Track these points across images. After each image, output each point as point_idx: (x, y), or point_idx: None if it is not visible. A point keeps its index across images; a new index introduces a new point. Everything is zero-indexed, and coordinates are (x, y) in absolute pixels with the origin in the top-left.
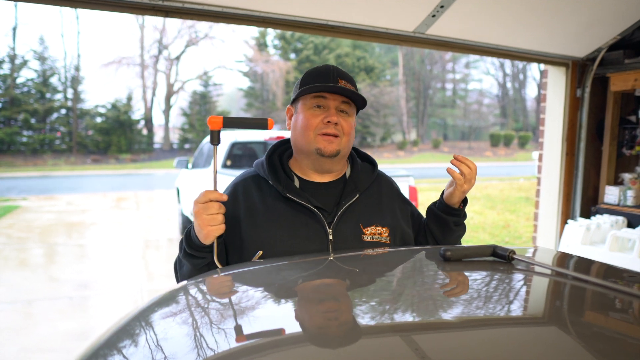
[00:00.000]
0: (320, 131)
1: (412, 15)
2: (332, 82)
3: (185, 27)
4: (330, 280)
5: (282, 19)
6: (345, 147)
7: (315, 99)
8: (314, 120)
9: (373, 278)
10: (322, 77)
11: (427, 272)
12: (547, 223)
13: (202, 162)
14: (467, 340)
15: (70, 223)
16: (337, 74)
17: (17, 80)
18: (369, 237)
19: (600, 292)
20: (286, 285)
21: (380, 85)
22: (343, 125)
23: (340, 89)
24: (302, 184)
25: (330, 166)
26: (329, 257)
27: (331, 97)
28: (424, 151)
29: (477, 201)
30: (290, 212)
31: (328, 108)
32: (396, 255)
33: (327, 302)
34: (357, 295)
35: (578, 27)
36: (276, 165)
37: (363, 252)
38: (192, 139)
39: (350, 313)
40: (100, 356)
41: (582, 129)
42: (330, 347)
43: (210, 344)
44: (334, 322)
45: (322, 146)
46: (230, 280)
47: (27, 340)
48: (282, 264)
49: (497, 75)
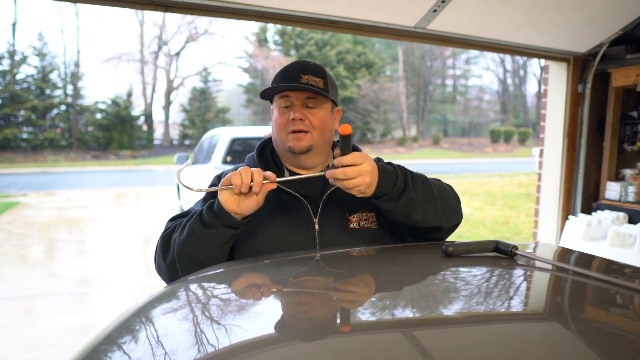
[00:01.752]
0: (289, 129)
1: (413, 10)
2: (294, 79)
3: (185, 22)
4: (332, 276)
5: (282, 13)
6: (319, 141)
7: (282, 99)
8: (282, 119)
9: (375, 274)
10: (286, 75)
11: (429, 268)
12: (547, 219)
13: (203, 158)
14: (472, 336)
15: (71, 219)
16: (300, 69)
17: (16, 77)
18: (356, 225)
19: (603, 287)
20: (288, 282)
21: (381, 81)
22: (311, 120)
23: (296, 86)
24: (291, 175)
25: (307, 161)
26: (332, 252)
27: (294, 95)
28: (424, 147)
29: (477, 197)
30: (279, 201)
31: (294, 105)
32: (398, 251)
33: (329, 298)
34: (360, 291)
35: (580, 23)
36: (267, 158)
37: (365, 248)
38: (192, 134)
39: (352, 309)
40: (100, 352)
41: (584, 124)
42: (333, 343)
43: (210, 339)
44: (336, 318)
45: (292, 144)
46: (230, 277)
47: (27, 336)
48: (284, 259)
49: (498, 71)
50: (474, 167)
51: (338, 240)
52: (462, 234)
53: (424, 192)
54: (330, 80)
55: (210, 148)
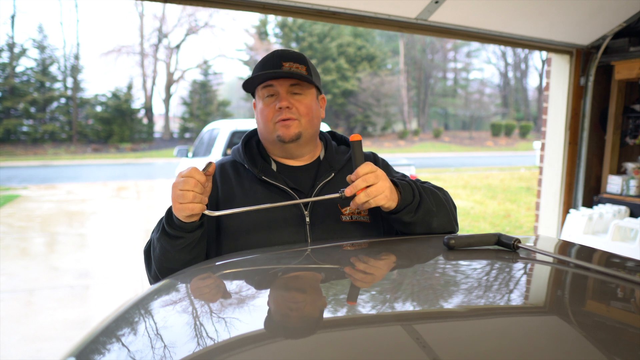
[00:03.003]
0: (277, 119)
1: (415, 2)
2: (275, 67)
3: (185, 15)
4: (332, 269)
5: (283, 4)
6: (307, 128)
7: (265, 89)
8: (268, 110)
9: (376, 267)
10: (267, 65)
11: (431, 261)
12: (549, 212)
13: (203, 151)
14: (474, 329)
15: (71, 212)
16: (280, 57)
17: (16, 69)
18: (348, 217)
19: (606, 280)
20: (288, 274)
21: (382, 75)
22: (298, 107)
23: (280, 73)
24: (279, 167)
25: (296, 150)
26: (333, 245)
27: (278, 83)
28: (424, 140)
29: (478, 191)
30: (268, 195)
31: (278, 94)
32: (399, 244)
33: (329, 291)
34: (360, 284)
35: (582, 15)
36: (253, 150)
37: (366, 240)
38: (193, 128)
39: (353, 302)
40: (99, 344)
41: (586, 117)
42: (333, 336)
43: (209, 331)
44: (337, 311)
45: (281, 133)
46: (230, 269)
47: (28, 329)
48: (284, 252)
49: (499, 64)
50: (475, 160)
51: (330, 233)
52: (463, 227)
53: (435, 200)
54: (312, 67)
55: (210, 141)
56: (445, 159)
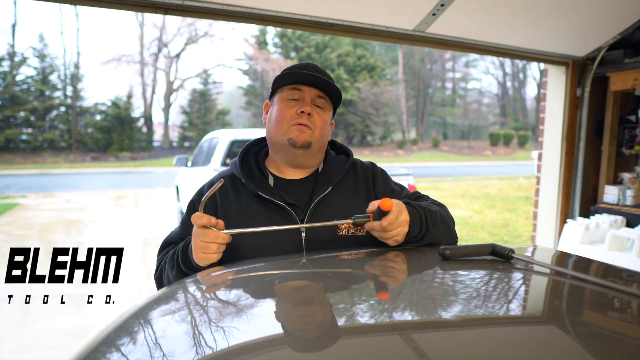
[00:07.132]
0: (294, 122)
1: (412, 14)
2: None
3: (185, 25)
4: (329, 279)
5: (282, 16)
6: (317, 141)
7: (292, 91)
8: (289, 111)
9: (372, 277)
10: (302, 69)
11: (426, 271)
12: (546, 222)
13: (202, 160)
14: (467, 339)
15: (70, 221)
16: (315, 69)
17: (16, 78)
18: (344, 232)
19: (599, 291)
20: (287, 284)
21: (381, 84)
22: (316, 119)
23: (317, 79)
24: (277, 182)
25: (303, 159)
26: (328, 255)
27: (307, 90)
28: (423, 150)
29: (477, 200)
30: (264, 211)
31: (303, 99)
32: (395, 254)
33: (326, 301)
34: (356, 294)
35: (578, 27)
36: (251, 164)
37: (362, 251)
38: (192, 136)
39: (349, 312)
40: (99, 353)
41: (582, 128)
42: (331, 347)
43: (208, 341)
44: (334, 321)
45: (293, 136)
46: (229, 279)
47: (25, 338)
48: (282, 262)
49: (497, 74)
50: (474, 170)
51: (326, 248)
52: (461, 237)
53: (442, 224)
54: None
55: (209, 150)
56: (444, 168)
